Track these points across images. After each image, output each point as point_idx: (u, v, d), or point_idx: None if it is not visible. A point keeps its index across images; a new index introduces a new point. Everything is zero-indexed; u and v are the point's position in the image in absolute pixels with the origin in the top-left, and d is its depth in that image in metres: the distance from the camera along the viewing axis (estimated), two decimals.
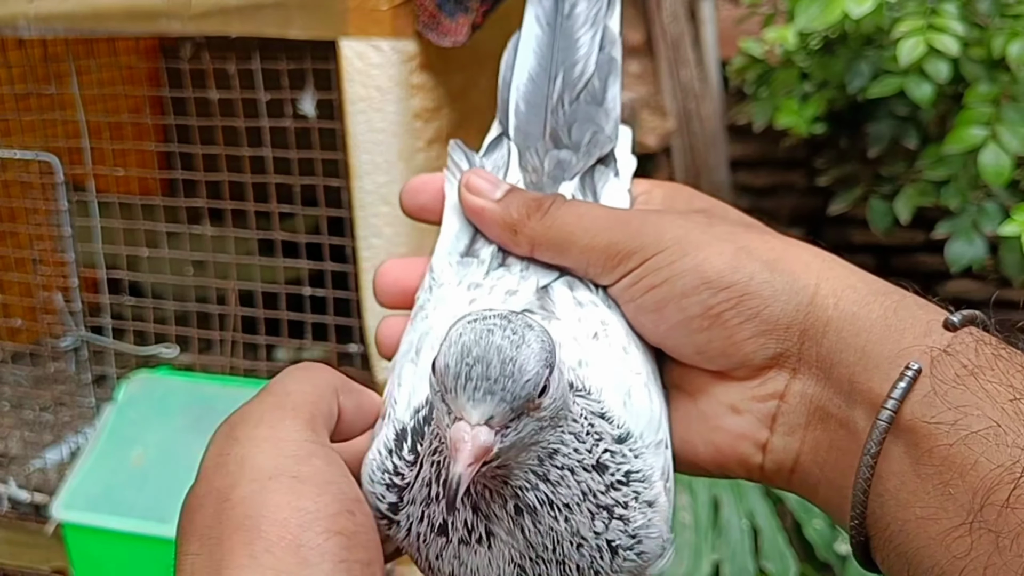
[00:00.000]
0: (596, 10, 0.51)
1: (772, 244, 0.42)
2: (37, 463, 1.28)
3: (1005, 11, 1.35)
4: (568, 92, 0.50)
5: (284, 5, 0.98)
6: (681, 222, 0.43)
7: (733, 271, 0.40)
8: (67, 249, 1.19)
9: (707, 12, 2.07)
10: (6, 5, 1.06)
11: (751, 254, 0.41)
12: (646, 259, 0.42)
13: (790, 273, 0.41)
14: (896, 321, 0.39)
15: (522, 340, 0.34)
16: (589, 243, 0.43)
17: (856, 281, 0.41)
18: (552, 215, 0.44)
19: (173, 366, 1.26)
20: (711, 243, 0.41)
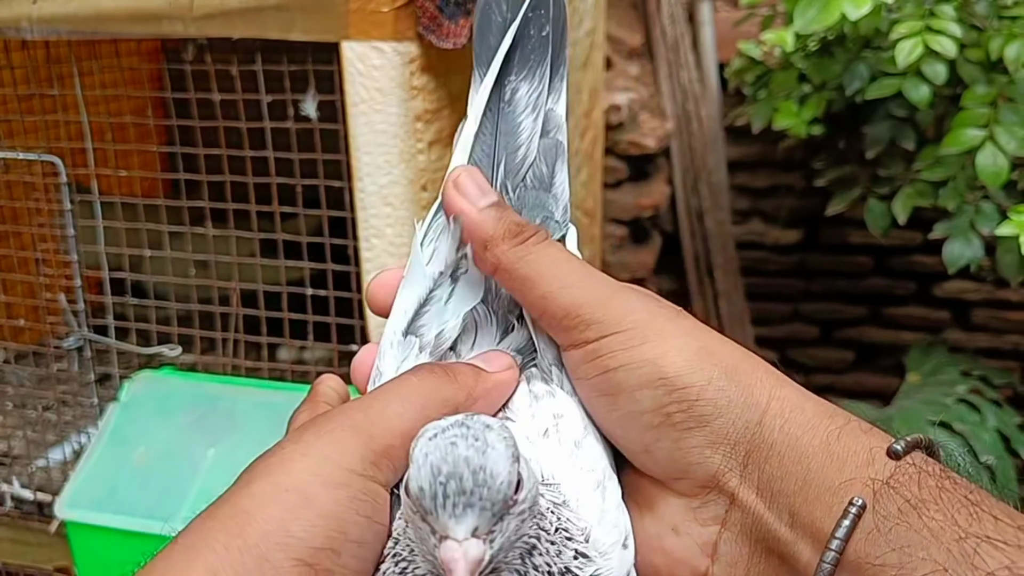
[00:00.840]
0: (537, 95, 0.50)
1: (732, 351, 0.41)
2: (40, 462, 1.29)
3: (1002, 13, 1.35)
4: (511, 178, 0.49)
5: (286, 8, 0.99)
6: (650, 306, 0.41)
7: (691, 372, 0.39)
8: (71, 250, 1.20)
9: (706, 14, 2.08)
10: (10, 7, 1.07)
11: (711, 357, 0.40)
12: (604, 335, 0.40)
13: (746, 385, 0.39)
14: (839, 448, 0.37)
15: (486, 445, 0.35)
16: (551, 293, 0.41)
17: (804, 402, 0.40)
18: (528, 248, 0.42)
19: (176, 366, 1.27)
20: (674, 336, 0.40)
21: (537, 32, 0.51)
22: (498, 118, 0.50)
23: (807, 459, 0.37)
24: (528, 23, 0.51)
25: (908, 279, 2.16)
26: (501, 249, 0.42)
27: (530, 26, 0.51)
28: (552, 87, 0.51)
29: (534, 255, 0.42)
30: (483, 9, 0.51)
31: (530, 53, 0.51)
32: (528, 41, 0.51)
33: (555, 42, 0.51)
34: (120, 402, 1.17)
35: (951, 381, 1.71)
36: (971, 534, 0.33)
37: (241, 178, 1.17)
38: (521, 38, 0.50)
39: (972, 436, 1.54)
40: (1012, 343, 2.12)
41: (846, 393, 2.21)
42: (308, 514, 0.35)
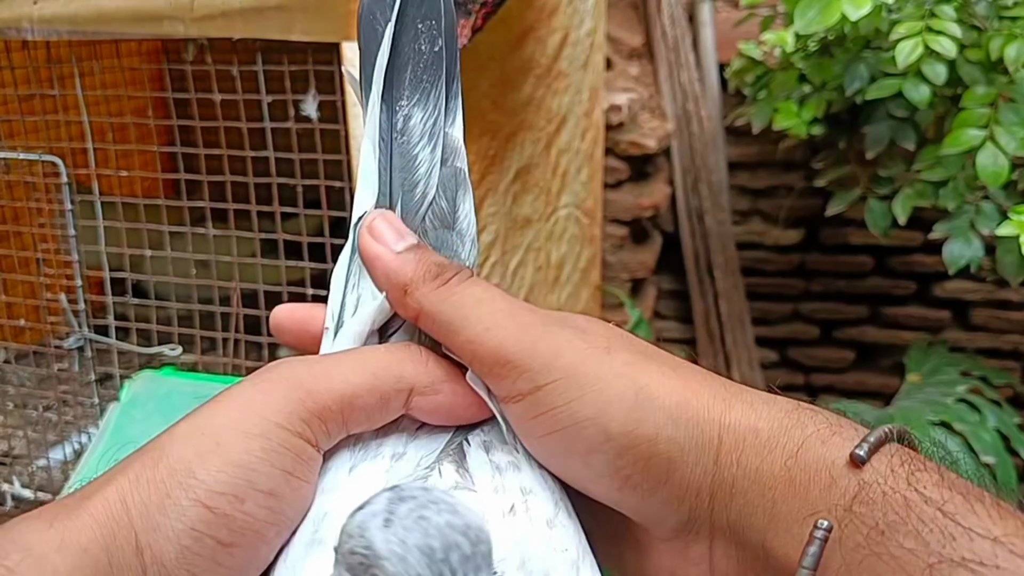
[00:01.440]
0: (433, 120, 0.44)
1: (672, 384, 0.37)
2: (41, 462, 1.29)
3: (1002, 13, 1.36)
4: (410, 220, 0.43)
5: (287, 8, 0.99)
6: (578, 344, 0.37)
7: (637, 424, 0.35)
8: (71, 250, 1.20)
9: (706, 15, 2.08)
10: (10, 7, 1.07)
11: (653, 399, 0.36)
12: (538, 386, 0.36)
13: (694, 424, 0.36)
14: (799, 472, 0.34)
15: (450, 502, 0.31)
16: (477, 337, 0.37)
17: (757, 421, 0.36)
18: (450, 289, 0.39)
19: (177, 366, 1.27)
20: (609, 381, 0.36)
21: (429, 47, 0.44)
22: (392, 151, 0.44)
23: (770, 490, 0.35)
24: (418, 37, 0.44)
25: (908, 279, 2.16)
26: (421, 292, 0.39)
27: (420, 41, 0.44)
28: (448, 108, 0.45)
29: (457, 296, 0.38)
30: (364, 19, 0.44)
31: (423, 73, 0.44)
32: (420, 59, 0.44)
33: (449, 57, 0.45)
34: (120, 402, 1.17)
35: (951, 381, 1.71)
36: (944, 558, 0.31)
37: (242, 178, 1.17)
38: (411, 56, 0.44)
39: (972, 436, 1.54)
40: (1012, 343, 2.12)
41: (846, 393, 2.21)
42: (215, 459, 0.34)
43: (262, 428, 0.35)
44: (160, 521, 0.33)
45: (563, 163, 1.58)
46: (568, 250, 1.67)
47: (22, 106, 1.23)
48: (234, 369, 1.24)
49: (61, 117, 1.24)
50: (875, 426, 0.36)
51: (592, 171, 1.78)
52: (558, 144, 1.54)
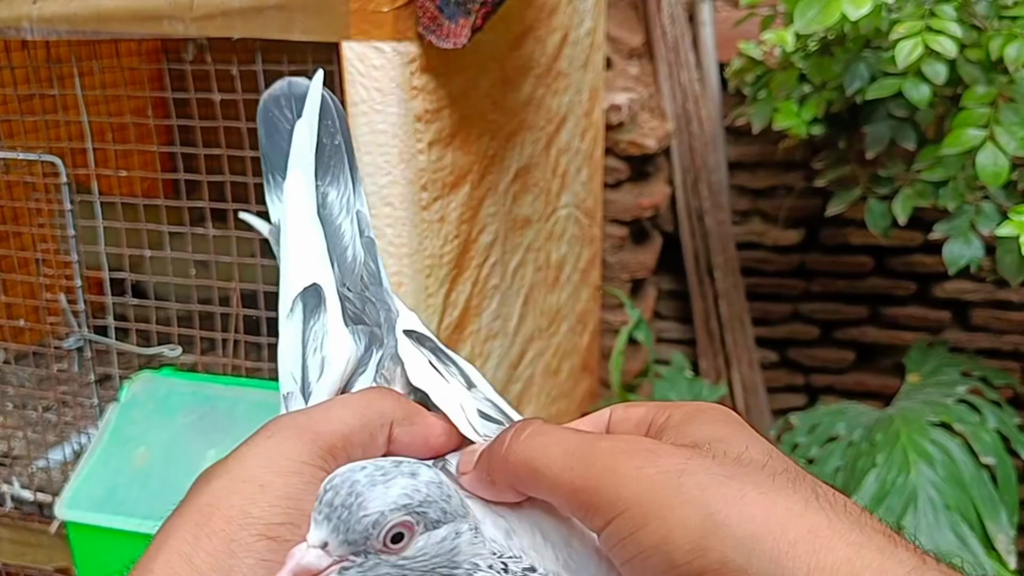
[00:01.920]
0: (346, 198, 0.53)
1: (751, 512, 0.33)
2: (41, 463, 1.29)
3: (1002, 13, 1.35)
4: (348, 279, 0.51)
5: (286, 7, 0.99)
6: (649, 471, 0.35)
7: (703, 554, 0.33)
8: (71, 250, 1.20)
9: (706, 14, 2.08)
10: (10, 7, 1.07)
11: (723, 527, 0.33)
12: (609, 520, 0.36)
13: (772, 558, 0.32)
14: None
15: (383, 480, 0.36)
16: (554, 483, 0.38)
17: (861, 569, 0.32)
18: (512, 449, 0.39)
19: (176, 366, 1.27)
20: (675, 508, 0.34)
21: (330, 141, 0.53)
22: (322, 223, 0.52)
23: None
24: (320, 132, 0.53)
25: (908, 279, 2.16)
26: (497, 466, 0.40)
27: (322, 135, 0.53)
28: (356, 190, 0.54)
29: (523, 450, 0.39)
30: (265, 114, 0.53)
31: (329, 160, 0.53)
32: (324, 149, 0.53)
33: (348, 149, 0.54)
34: (120, 402, 1.17)
35: (951, 381, 1.71)
36: None
37: (241, 178, 1.17)
38: (318, 147, 0.53)
39: (972, 437, 1.54)
40: (1012, 343, 2.12)
41: (846, 394, 2.21)
42: (265, 497, 0.38)
43: (294, 467, 0.39)
44: (231, 564, 0.36)
45: (563, 163, 1.58)
46: (568, 250, 1.67)
47: (21, 106, 1.23)
48: (233, 369, 1.24)
49: (60, 117, 1.23)
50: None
51: (592, 171, 1.77)
52: (558, 144, 1.54)
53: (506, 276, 1.36)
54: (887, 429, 1.57)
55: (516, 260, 1.40)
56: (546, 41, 1.43)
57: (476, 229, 1.22)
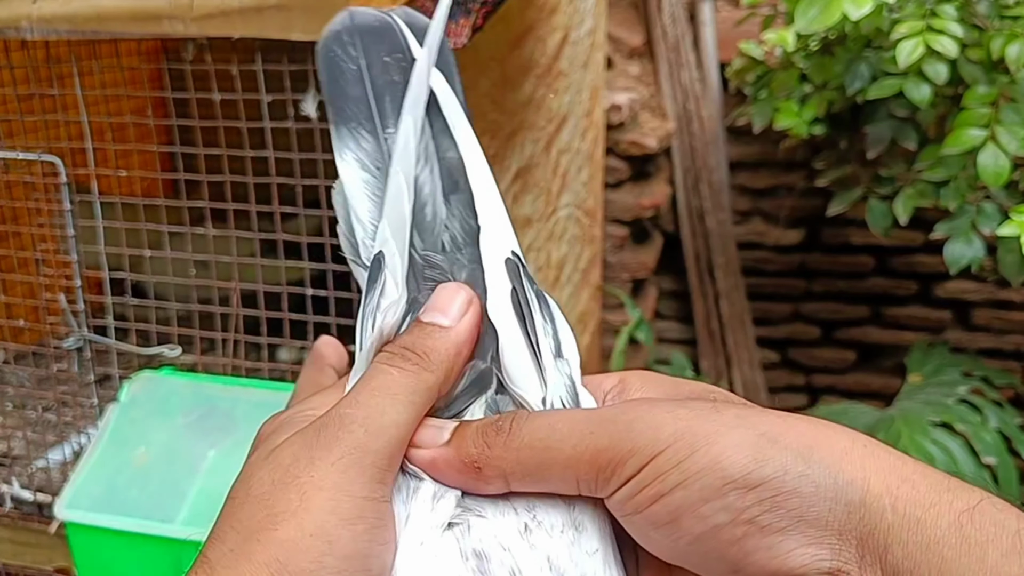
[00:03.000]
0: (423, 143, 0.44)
1: (799, 428, 0.34)
2: (40, 463, 1.29)
3: (1004, 13, 1.35)
4: (428, 239, 0.44)
5: (286, 7, 0.99)
6: (681, 412, 0.35)
7: (761, 464, 0.33)
8: (70, 250, 1.20)
9: (707, 14, 2.08)
10: (9, 7, 1.06)
11: (777, 442, 0.34)
12: (644, 464, 0.35)
13: (829, 464, 0.33)
14: (974, 531, 0.31)
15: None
16: (572, 454, 0.36)
17: (910, 472, 0.33)
18: (516, 434, 0.37)
19: (176, 366, 1.27)
20: (723, 433, 0.34)
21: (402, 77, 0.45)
22: (387, 180, 0.43)
23: (936, 544, 0.31)
24: (387, 70, 0.45)
25: (909, 279, 2.15)
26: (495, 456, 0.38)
27: (391, 72, 0.45)
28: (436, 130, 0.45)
29: (528, 434, 0.37)
30: (326, 55, 0.45)
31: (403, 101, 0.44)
32: (396, 88, 0.45)
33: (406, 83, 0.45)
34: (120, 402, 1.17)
35: (952, 382, 1.71)
36: None
37: (241, 178, 1.17)
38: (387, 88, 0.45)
39: (973, 437, 1.54)
40: (1014, 343, 2.12)
41: (847, 394, 2.21)
42: (332, 559, 0.35)
43: (358, 509, 0.36)
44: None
45: (563, 163, 1.58)
46: (568, 250, 1.67)
47: (21, 106, 1.23)
48: (233, 370, 1.23)
49: (60, 117, 1.23)
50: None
51: (592, 171, 1.77)
52: (558, 144, 1.54)
53: None
54: (888, 429, 1.57)
55: None
56: (546, 41, 1.43)
57: None
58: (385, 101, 0.45)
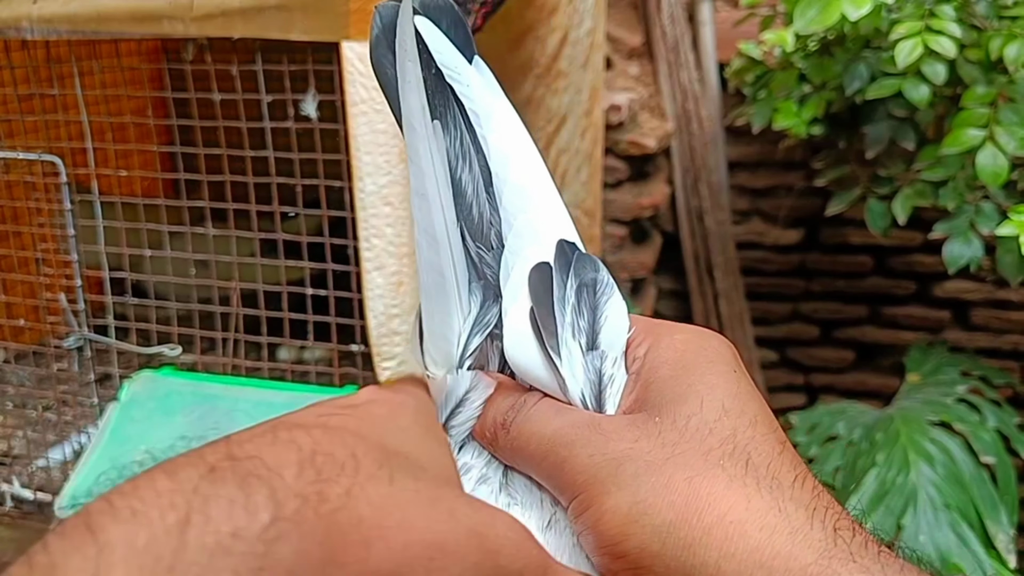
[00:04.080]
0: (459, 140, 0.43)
1: (672, 498, 0.34)
2: (40, 462, 1.29)
3: (1002, 13, 1.35)
4: (481, 239, 0.43)
5: (286, 7, 0.99)
6: (595, 458, 0.37)
7: (624, 538, 0.35)
8: (71, 249, 1.20)
9: (706, 14, 2.08)
10: (10, 7, 1.07)
11: (644, 515, 0.34)
12: (567, 502, 0.37)
13: (683, 546, 0.33)
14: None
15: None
16: (532, 468, 0.39)
17: (770, 557, 0.32)
18: (510, 433, 0.40)
19: (176, 366, 1.27)
20: (611, 494, 0.35)
21: (428, 72, 0.42)
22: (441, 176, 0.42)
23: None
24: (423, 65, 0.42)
25: (908, 279, 2.16)
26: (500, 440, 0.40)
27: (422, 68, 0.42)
28: (471, 124, 0.43)
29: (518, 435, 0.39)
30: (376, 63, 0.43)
31: (434, 100, 0.42)
32: (427, 86, 0.42)
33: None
34: (120, 402, 1.17)
35: (951, 381, 1.71)
36: None
37: (241, 178, 1.17)
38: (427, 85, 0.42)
39: (972, 436, 1.54)
40: (1012, 343, 2.12)
41: (846, 393, 2.21)
42: None
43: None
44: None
45: (563, 163, 1.58)
46: None
47: (21, 106, 1.23)
48: (233, 369, 1.24)
49: (60, 117, 1.23)
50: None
51: (592, 171, 1.77)
52: (558, 144, 1.54)
53: None
54: (887, 428, 1.57)
55: None
56: (546, 41, 1.43)
57: None
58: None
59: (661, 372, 0.40)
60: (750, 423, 0.37)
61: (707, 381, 0.38)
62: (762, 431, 0.37)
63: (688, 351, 0.40)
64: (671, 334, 0.41)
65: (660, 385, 0.39)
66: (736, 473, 0.35)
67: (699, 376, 0.38)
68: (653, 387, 0.39)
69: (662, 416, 0.37)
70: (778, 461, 0.36)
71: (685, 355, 0.40)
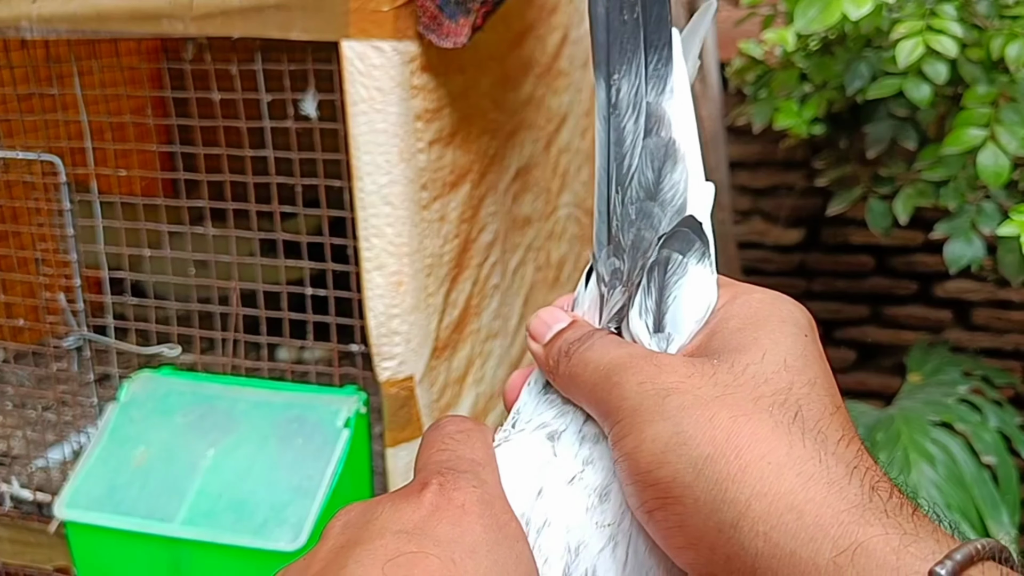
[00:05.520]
0: (635, 90, 0.44)
1: (713, 433, 0.34)
2: (40, 462, 1.29)
3: (1004, 12, 1.35)
4: (622, 193, 0.44)
5: (286, 7, 0.99)
6: (645, 386, 0.37)
7: (659, 466, 0.34)
8: (70, 249, 1.20)
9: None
10: (9, 6, 1.06)
11: (683, 445, 0.34)
12: (611, 427, 0.38)
13: (717, 480, 0.33)
14: (853, 572, 0.29)
15: None
16: (584, 395, 0.40)
17: (804, 501, 0.31)
18: (571, 359, 0.41)
19: (176, 366, 1.27)
20: (654, 423, 0.35)
21: (629, 15, 0.44)
22: (609, 127, 0.44)
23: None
24: (622, 8, 0.44)
25: (909, 279, 2.15)
26: (559, 370, 0.41)
27: (624, 11, 0.44)
28: (649, 76, 0.44)
29: (575, 363, 0.41)
30: (590, 5, 0.45)
31: (626, 44, 0.44)
32: (624, 29, 0.44)
33: (646, 22, 0.44)
34: (119, 402, 1.17)
35: (952, 381, 1.71)
36: None
37: (241, 177, 1.17)
38: (618, 28, 0.44)
39: (973, 436, 1.54)
40: (1014, 343, 2.12)
41: (847, 393, 2.20)
42: None
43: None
44: None
45: (563, 162, 1.58)
46: (568, 249, 1.67)
47: (21, 105, 1.23)
48: (233, 369, 1.24)
49: (60, 116, 1.23)
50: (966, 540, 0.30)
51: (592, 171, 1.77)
52: (558, 143, 1.54)
53: (506, 275, 1.36)
54: (888, 428, 1.57)
55: (516, 259, 1.40)
56: (546, 40, 1.43)
57: (476, 228, 1.22)
58: (616, 45, 0.45)
59: (730, 324, 0.39)
60: (808, 382, 0.36)
61: (773, 337, 0.38)
62: (819, 392, 0.36)
63: (762, 309, 0.40)
64: (749, 292, 0.41)
65: (726, 335, 0.39)
66: (783, 420, 0.34)
67: (767, 332, 0.38)
68: (718, 336, 0.39)
69: (720, 360, 0.37)
70: (828, 420, 0.35)
71: (759, 312, 0.39)
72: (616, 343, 0.40)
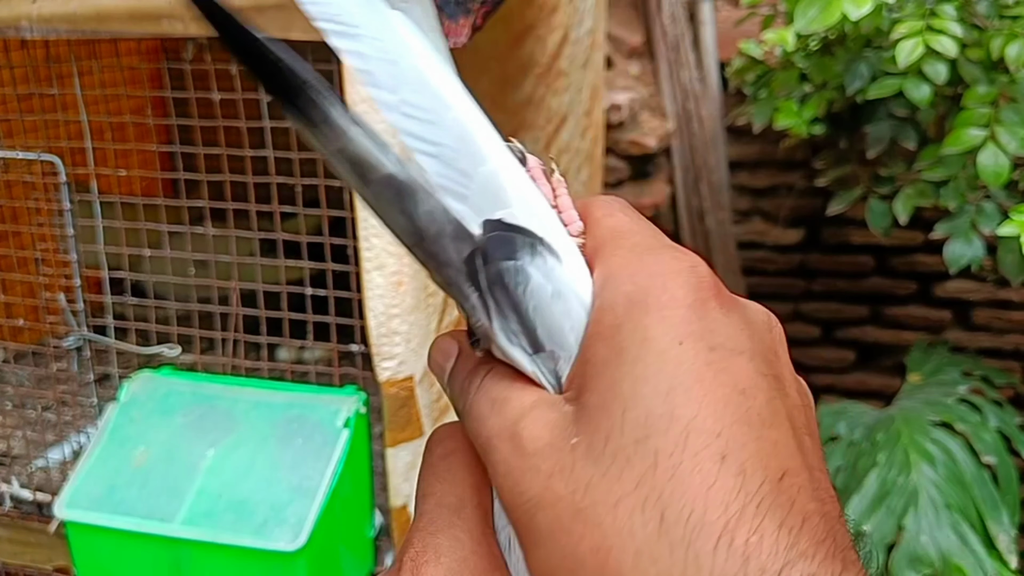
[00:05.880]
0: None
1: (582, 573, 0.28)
2: (40, 462, 1.29)
3: (1003, 12, 1.35)
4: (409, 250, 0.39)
5: (286, 7, 0.99)
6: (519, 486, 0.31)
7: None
8: (70, 249, 1.20)
9: (706, 14, 2.08)
10: (9, 6, 1.06)
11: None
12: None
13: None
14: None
15: None
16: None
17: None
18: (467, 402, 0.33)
19: (175, 366, 1.27)
20: (529, 548, 0.32)
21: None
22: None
23: None
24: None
25: (909, 279, 2.15)
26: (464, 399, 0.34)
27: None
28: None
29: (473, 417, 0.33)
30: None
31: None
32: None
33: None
34: (119, 402, 1.17)
35: (952, 381, 1.71)
36: None
37: (241, 177, 1.17)
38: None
39: (973, 436, 1.54)
40: (1013, 343, 2.12)
41: (847, 393, 2.21)
42: None
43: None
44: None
45: (563, 162, 1.58)
46: None
47: (21, 105, 1.23)
48: (233, 369, 1.23)
49: (60, 116, 1.23)
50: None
51: (592, 171, 1.77)
52: (558, 143, 1.54)
53: None
54: (888, 429, 1.57)
55: None
56: (546, 40, 1.43)
57: None
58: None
59: (597, 350, 0.30)
60: (679, 438, 0.26)
61: (639, 369, 0.28)
62: (694, 448, 0.26)
63: (634, 310, 0.30)
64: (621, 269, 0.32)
65: (595, 361, 0.30)
66: (647, 538, 0.25)
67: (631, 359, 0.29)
68: (589, 364, 0.30)
69: (587, 425, 0.28)
70: (702, 509, 0.25)
71: (627, 318, 0.30)
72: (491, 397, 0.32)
